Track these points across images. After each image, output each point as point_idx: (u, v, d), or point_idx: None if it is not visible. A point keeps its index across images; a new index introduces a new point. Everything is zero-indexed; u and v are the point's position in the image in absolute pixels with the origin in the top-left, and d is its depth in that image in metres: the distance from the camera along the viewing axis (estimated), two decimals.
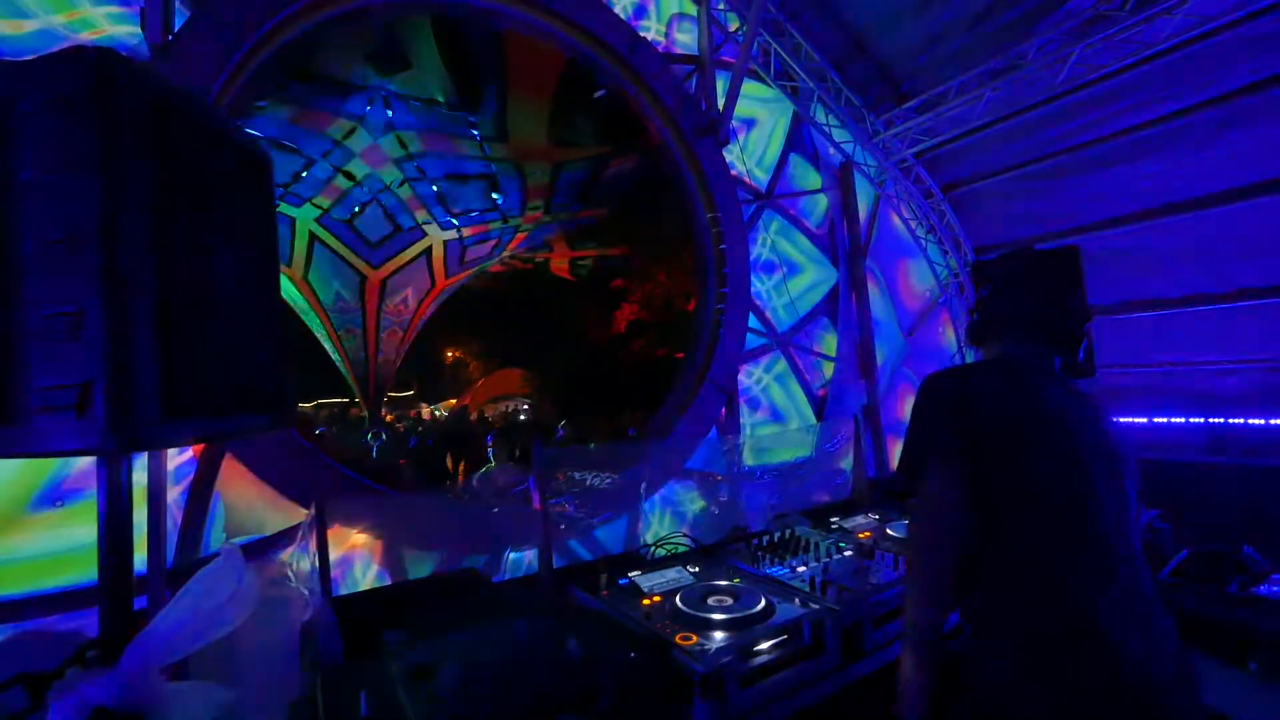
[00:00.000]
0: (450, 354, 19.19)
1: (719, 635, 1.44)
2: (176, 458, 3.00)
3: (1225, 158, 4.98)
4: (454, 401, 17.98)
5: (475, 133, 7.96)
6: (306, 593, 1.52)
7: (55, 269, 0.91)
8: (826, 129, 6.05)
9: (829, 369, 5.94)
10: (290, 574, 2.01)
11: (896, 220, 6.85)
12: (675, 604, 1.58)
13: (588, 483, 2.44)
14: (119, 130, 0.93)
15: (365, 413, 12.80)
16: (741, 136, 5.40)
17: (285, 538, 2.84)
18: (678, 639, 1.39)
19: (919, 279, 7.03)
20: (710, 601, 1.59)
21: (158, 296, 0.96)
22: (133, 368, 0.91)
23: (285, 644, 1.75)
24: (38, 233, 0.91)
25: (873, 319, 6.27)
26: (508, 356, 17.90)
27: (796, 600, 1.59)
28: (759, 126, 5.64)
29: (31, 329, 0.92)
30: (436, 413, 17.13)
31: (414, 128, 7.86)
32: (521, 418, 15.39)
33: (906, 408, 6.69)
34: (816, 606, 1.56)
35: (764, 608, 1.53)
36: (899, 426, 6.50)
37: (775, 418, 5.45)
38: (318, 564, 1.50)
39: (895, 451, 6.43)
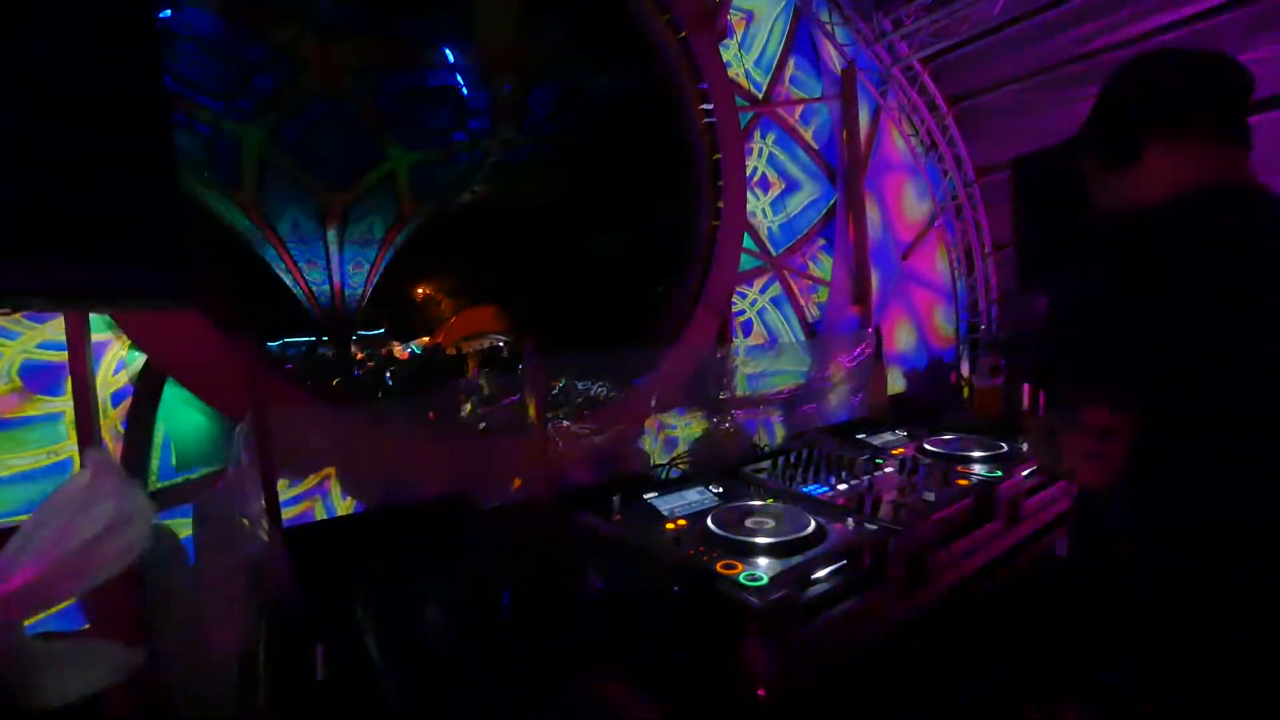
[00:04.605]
0: (421, 290, 18.43)
1: (764, 562, 1.19)
2: (112, 380, 2.61)
3: (1251, 65, 4.65)
4: (426, 340, 17.40)
5: (437, 33, 7.15)
6: (249, 522, 1.22)
7: None
8: (829, 28, 5.50)
9: (824, 293, 5.66)
10: (233, 502, 1.70)
11: (896, 136, 6.40)
12: (707, 527, 1.32)
13: (592, 393, 2.15)
14: None
15: (333, 351, 12.26)
16: (739, 32, 4.85)
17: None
18: (719, 568, 1.14)
19: (916, 200, 6.68)
20: (749, 524, 1.33)
21: None
22: None
23: (234, 586, 1.45)
24: None
25: (869, 242, 5.95)
26: (482, 291, 17.25)
27: (850, 521, 1.35)
28: (757, 21, 5.07)
29: None
30: (410, 351, 16.58)
31: (369, 29, 7.01)
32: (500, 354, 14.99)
33: (900, 335, 6.50)
34: (874, 527, 1.31)
35: (815, 530, 1.28)
36: (893, 355, 6.31)
37: (770, 342, 5.19)
38: (260, 483, 1.19)
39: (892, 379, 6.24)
